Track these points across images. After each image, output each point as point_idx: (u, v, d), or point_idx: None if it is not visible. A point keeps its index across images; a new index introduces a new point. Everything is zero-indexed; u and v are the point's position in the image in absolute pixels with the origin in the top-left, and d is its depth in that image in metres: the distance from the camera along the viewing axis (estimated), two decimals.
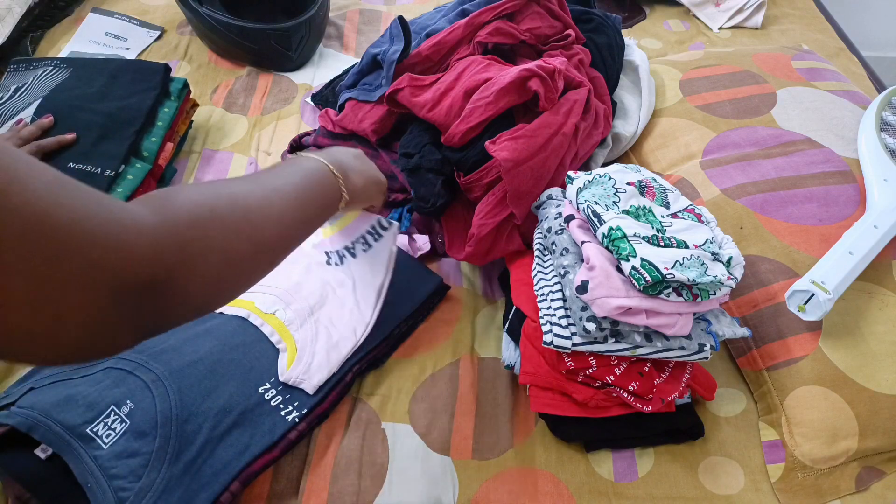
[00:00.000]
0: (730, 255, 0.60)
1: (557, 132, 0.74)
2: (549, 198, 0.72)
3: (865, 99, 0.93)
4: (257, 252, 0.43)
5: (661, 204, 0.65)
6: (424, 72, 0.85)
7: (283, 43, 1.10)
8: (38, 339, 0.29)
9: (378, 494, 0.61)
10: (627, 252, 0.56)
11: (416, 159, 0.76)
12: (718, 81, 0.96)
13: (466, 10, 0.90)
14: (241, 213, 0.42)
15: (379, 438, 0.65)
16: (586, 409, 0.63)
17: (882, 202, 0.73)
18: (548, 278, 0.65)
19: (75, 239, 0.29)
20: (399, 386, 0.70)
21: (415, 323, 0.75)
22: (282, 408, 0.62)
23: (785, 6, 1.38)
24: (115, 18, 1.22)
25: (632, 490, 0.63)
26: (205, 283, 0.38)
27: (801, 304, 0.64)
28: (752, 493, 0.63)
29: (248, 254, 0.42)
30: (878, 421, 0.63)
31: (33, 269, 0.27)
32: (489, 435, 0.66)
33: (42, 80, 0.90)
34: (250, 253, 0.42)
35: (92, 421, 0.56)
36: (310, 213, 0.52)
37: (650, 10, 1.36)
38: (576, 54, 0.87)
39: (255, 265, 0.44)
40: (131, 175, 0.84)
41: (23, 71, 0.94)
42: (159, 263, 0.34)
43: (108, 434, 0.55)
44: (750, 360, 0.71)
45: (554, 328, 0.60)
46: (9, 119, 0.85)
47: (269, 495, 0.61)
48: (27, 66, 0.94)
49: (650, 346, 0.59)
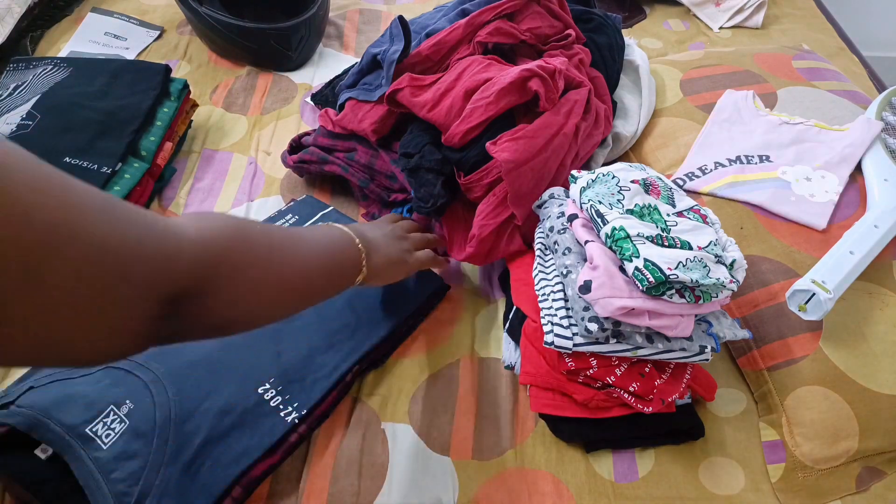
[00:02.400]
0: (733, 258, 0.60)
1: (558, 132, 0.74)
2: (552, 197, 0.72)
3: (866, 99, 0.93)
4: (280, 287, 0.45)
5: (666, 202, 0.65)
6: (424, 72, 0.84)
7: (283, 43, 1.10)
8: (78, 348, 0.31)
9: (378, 494, 0.61)
10: (631, 252, 0.56)
11: (416, 159, 0.76)
12: (719, 81, 0.96)
13: (466, 10, 0.89)
14: (271, 247, 0.44)
15: (379, 438, 0.65)
16: (587, 410, 0.63)
17: (882, 202, 0.73)
18: (549, 278, 0.65)
19: (128, 262, 0.31)
20: (399, 386, 0.70)
21: (415, 323, 0.75)
22: (281, 408, 0.62)
23: (785, 6, 1.38)
24: (115, 18, 1.22)
25: (632, 490, 0.63)
26: (229, 303, 0.39)
27: (802, 304, 0.64)
28: (752, 494, 0.63)
29: (272, 285, 0.43)
30: (879, 421, 0.63)
31: (91, 290, 0.29)
32: (489, 435, 0.66)
33: (42, 77, 0.90)
34: (274, 285, 0.44)
35: (91, 420, 0.56)
36: (331, 273, 0.53)
37: (650, 10, 1.36)
38: (576, 54, 0.87)
39: (276, 299, 0.45)
40: (129, 174, 0.84)
41: (22, 70, 0.94)
42: (195, 275, 0.35)
43: (108, 434, 0.55)
44: (750, 360, 0.71)
45: (555, 328, 0.60)
46: (6, 113, 0.85)
47: (268, 495, 0.61)
48: (27, 64, 0.94)
49: (651, 347, 0.59)
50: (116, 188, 0.82)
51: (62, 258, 0.27)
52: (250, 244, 0.41)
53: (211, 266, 0.37)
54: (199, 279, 0.36)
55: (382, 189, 0.85)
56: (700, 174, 0.83)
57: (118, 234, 0.31)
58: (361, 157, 0.85)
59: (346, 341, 0.68)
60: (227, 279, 0.38)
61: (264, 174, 0.95)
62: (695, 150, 0.86)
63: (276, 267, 0.44)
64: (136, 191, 0.85)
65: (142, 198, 0.86)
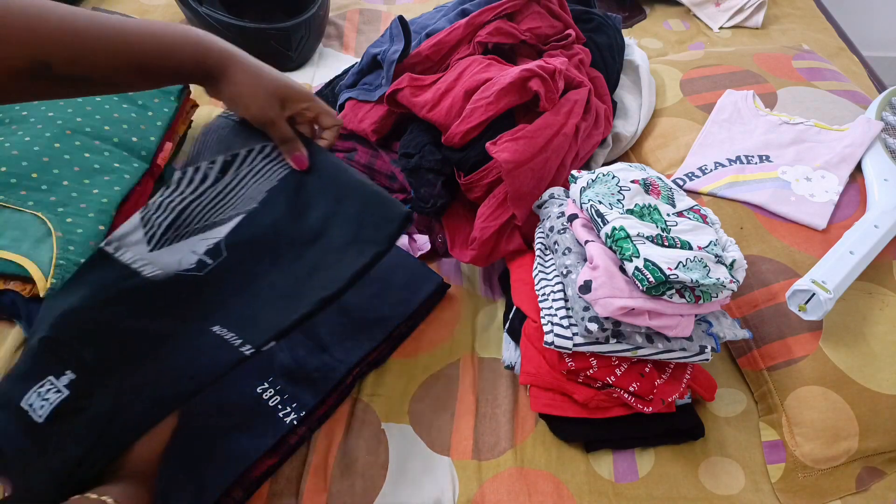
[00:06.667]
0: (733, 258, 0.60)
1: (558, 133, 0.74)
2: (552, 197, 0.72)
3: (866, 99, 0.93)
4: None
5: (666, 202, 0.65)
6: (424, 72, 0.84)
7: (283, 43, 1.10)
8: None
9: (378, 495, 0.61)
10: (631, 252, 0.56)
11: (416, 159, 0.76)
12: (719, 81, 0.96)
13: (466, 10, 0.89)
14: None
15: (379, 439, 0.65)
16: (587, 410, 0.63)
17: (882, 202, 0.73)
18: (549, 278, 0.65)
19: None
20: (399, 386, 0.70)
21: (415, 323, 0.75)
22: (280, 408, 0.62)
23: (785, 6, 1.38)
24: None
25: (632, 490, 0.63)
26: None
27: (802, 304, 0.64)
28: (752, 494, 0.63)
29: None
30: (879, 421, 0.63)
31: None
32: (489, 435, 0.66)
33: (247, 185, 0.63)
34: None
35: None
36: (140, 58, 0.52)
37: (650, 10, 1.36)
38: (576, 54, 0.87)
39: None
40: (128, 174, 0.84)
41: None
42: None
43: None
44: (750, 360, 0.71)
45: (555, 328, 0.60)
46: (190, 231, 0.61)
47: (268, 495, 0.61)
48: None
49: (651, 347, 0.59)
50: (116, 188, 0.82)
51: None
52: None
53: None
54: None
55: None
56: (700, 174, 0.83)
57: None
58: (361, 157, 0.85)
59: (345, 341, 0.68)
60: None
61: None
62: (695, 150, 0.86)
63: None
64: (136, 191, 0.84)
65: (142, 198, 0.86)
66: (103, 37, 0.49)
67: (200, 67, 0.55)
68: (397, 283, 0.73)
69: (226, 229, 0.60)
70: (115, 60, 0.50)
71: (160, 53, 0.52)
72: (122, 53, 0.50)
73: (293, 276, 0.58)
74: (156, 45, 0.52)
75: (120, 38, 0.50)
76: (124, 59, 0.51)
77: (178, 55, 0.53)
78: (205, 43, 0.55)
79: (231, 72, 0.55)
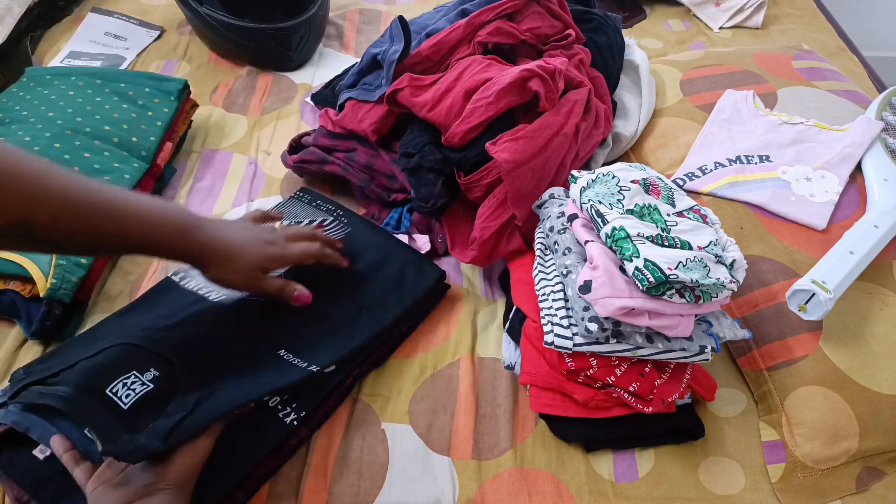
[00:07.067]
0: (733, 258, 0.60)
1: (558, 133, 0.74)
2: (552, 197, 0.72)
3: (866, 99, 0.93)
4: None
5: (666, 202, 0.65)
6: (424, 72, 0.84)
7: (283, 43, 1.10)
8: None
9: (378, 495, 0.61)
10: (631, 252, 0.56)
11: (416, 159, 0.76)
12: (719, 81, 0.96)
13: (466, 10, 0.89)
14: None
15: (379, 439, 0.65)
16: (587, 410, 0.63)
17: (882, 202, 0.73)
18: (549, 278, 0.65)
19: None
20: (399, 386, 0.70)
21: (415, 323, 0.75)
22: (280, 409, 0.62)
23: (785, 6, 1.38)
24: (115, 18, 1.22)
25: (632, 490, 0.63)
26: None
27: (802, 304, 0.64)
28: (752, 494, 0.63)
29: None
30: (879, 421, 0.63)
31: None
32: (489, 435, 0.66)
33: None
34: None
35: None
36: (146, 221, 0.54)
37: (650, 10, 1.36)
38: (576, 54, 0.87)
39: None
40: (128, 174, 0.84)
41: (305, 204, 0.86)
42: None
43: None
44: (750, 360, 0.71)
45: (555, 328, 0.60)
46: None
47: (269, 496, 0.61)
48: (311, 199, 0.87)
49: (651, 347, 0.59)
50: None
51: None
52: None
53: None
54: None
55: (382, 189, 0.85)
56: (700, 174, 0.83)
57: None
58: (361, 158, 0.85)
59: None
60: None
61: (264, 174, 0.95)
62: (695, 150, 0.87)
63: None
64: (136, 191, 0.84)
65: None
66: (91, 211, 0.50)
67: (179, 253, 0.58)
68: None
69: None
70: (96, 234, 0.52)
71: (142, 235, 0.55)
72: (104, 229, 0.52)
73: (345, 312, 0.69)
74: (138, 228, 0.54)
75: (106, 213, 0.52)
76: (106, 236, 0.53)
77: (160, 236, 0.56)
78: (184, 228, 0.57)
79: (211, 261, 0.60)
